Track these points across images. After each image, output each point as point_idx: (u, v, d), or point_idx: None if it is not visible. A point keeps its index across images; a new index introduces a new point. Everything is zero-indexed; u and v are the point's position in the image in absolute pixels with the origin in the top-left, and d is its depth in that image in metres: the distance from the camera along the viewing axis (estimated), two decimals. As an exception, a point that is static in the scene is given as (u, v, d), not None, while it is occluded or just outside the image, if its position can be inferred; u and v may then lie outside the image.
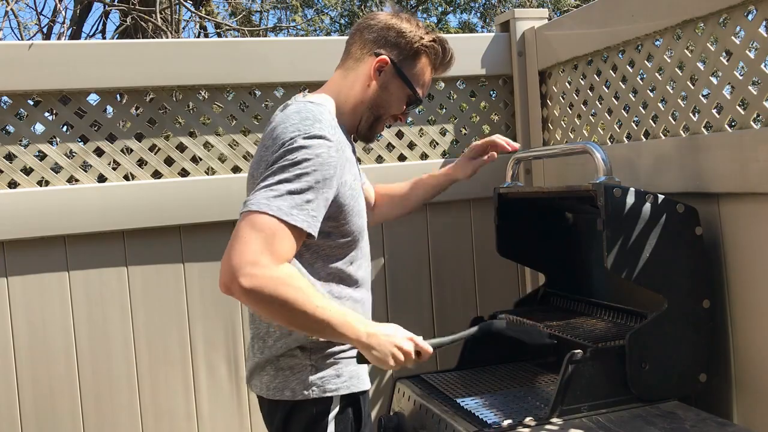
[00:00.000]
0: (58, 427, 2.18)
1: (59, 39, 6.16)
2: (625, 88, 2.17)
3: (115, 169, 2.27)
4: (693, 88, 1.89)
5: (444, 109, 2.62)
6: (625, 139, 2.18)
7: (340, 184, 1.54)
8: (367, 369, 1.69)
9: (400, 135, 2.59)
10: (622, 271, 1.69)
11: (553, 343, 1.77)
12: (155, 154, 2.31)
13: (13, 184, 2.19)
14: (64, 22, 6.16)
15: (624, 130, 2.18)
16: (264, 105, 2.41)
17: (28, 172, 2.18)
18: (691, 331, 1.74)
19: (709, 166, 1.79)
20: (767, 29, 1.72)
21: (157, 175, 2.31)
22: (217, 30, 7.80)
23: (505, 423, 1.65)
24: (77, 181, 2.25)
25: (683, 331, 1.73)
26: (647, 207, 1.70)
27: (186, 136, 2.35)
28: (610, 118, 2.24)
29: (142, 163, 2.32)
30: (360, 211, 1.64)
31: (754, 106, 1.70)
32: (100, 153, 2.27)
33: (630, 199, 1.69)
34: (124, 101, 2.37)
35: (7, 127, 2.19)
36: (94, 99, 2.33)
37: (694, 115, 1.90)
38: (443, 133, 2.63)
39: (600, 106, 2.29)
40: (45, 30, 6.56)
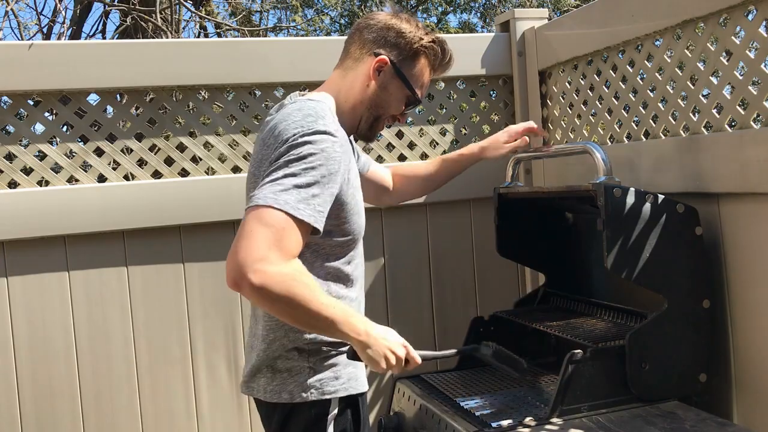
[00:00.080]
0: (58, 427, 2.18)
1: (59, 39, 6.16)
2: (625, 88, 2.17)
3: (115, 169, 2.27)
4: (693, 88, 1.89)
5: (444, 109, 2.62)
6: (625, 139, 2.18)
7: (343, 181, 1.54)
8: (365, 371, 1.69)
9: (400, 135, 2.59)
10: (622, 271, 1.69)
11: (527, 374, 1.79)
12: (155, 154, 2.31)
13: (13, 184, 2.19)
14: (64, 22, 6.16)
15: (624, 130, 2.18)
16: (264, 105, 2.41)
17: (28, 172, 2.18)
18: (691, 331, 1.74)
19: (709, 166, 1.79)
20: (767, 29, 1.72)
21: (157, 175, 2.31)
22: (217, 30, 7.80)
23: (505, 423, 1.65)
24: (77, 181, 2.25)
25: (683, 331, 1.73)
26: (647, 207, 1.70)
27: (186, 136, 2.35)
28: (610, 118, 2.24)
29: (142, 163, 2.32)
30: (360, 211, 1.65)
31: (754, 106, 1.70)
32: (100, 153, 2.27)
33: (630, 199, 1.69)
34: (124, 101, 2.37)
35: (7, 127, 2.19)
36: (94, 99, 2.33)
37: (694, 115, 1.90)
38: (443, 133, 2.63)
39: (600, 106, 2.29)
40: (45, 30, 6.57)
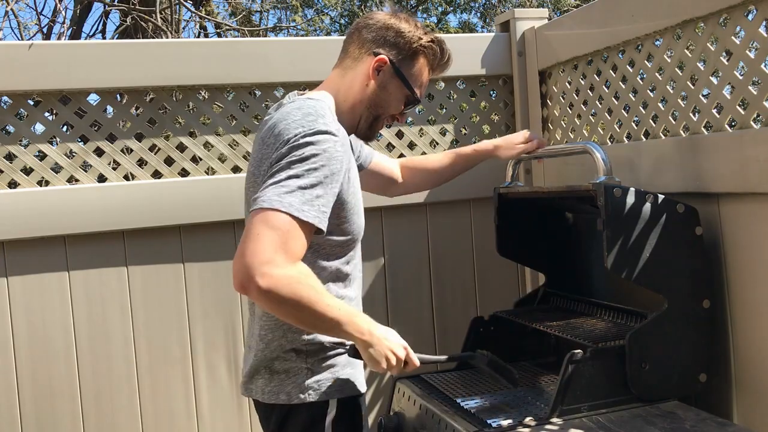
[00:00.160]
0: (58, 427, 2.18)
1: (59, 39, 6.16)
2: (625, 88, 2.17)
3: (115, 169, 2.27)
4: (693, 88, 1.89)
5: (444, 109, 2.62)
6: (625, 139, 2.18)
7: (344, 180, 1.54)
8: (364, 372, 1.69)
9: (400, 135, 2.59)
10: (622, 271, 1.69)
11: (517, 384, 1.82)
12: (155, 154, 2.31)
13: (13, 184, 2.19)
14: (64, 22, 6.16)
15: (624, 130, 2.18)
16: (264, 105, 2.41)
17: (28, 172, 2.18)
18: (691, 331, 1.74)
19: (709, 166, 1.79)
20: (767, 29, 1.72)
21: (157, 175, 2.31)
22: (217, 30, 7.80)
23: (505, 423, 1.65)
24: (77, 181, 2.25)
25: (683, 331, 1.73)
26: (647, 207, 1.70)
27: (186, 136, 2.35)
28: (610, 118, 2.24)
29: (142, 163, 2.32)
30: (360, 211, 1.65)
31: (754, 106, 1.70)
32: (100, 153, 2.27)
33: (630, 199, 1.69)
34: (124, 101, 2.37)
35: (7, 127, 2.19)
36: (94, 99, 2.33)
37: (694, 115, 1.90)
38: (443, 133, 2.63)
39: (600, 106, 2.29)
40: (45, 30, 6.57)
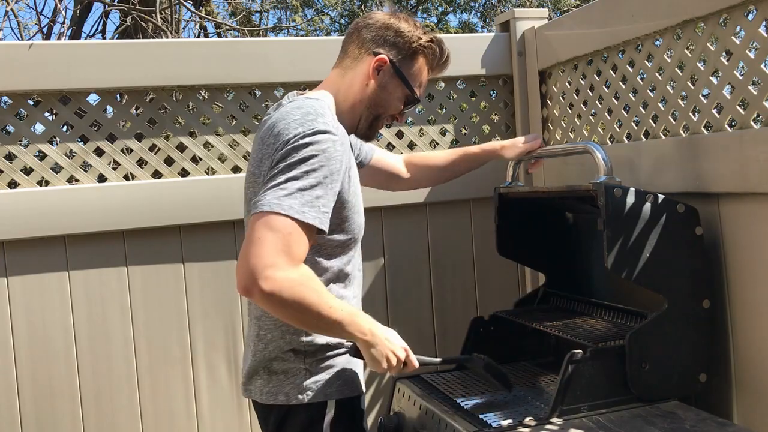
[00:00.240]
0: (58, 427, 2.18)
1: (59, 39, 6.16)
2: (625, 88, 2.17)
3: (115, 169, 2.27)
4: (693, 88, 1.89)
5: (444, 109, 2.62)
6: (625, 139, 2.18)
7: (345, 179, 1.54)
8: (363, 373, 1.69)
9: (400, 135, 2.59)
10: (622, 271, 1.69)
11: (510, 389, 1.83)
12: (155, 154, 2.31)
13: (13, 184, 2.19)
14: (64, 22, 6.17)
15: (624, 130, 2.18)
16: (264, 105, 2.41)
17: (28, 172, 2.18)
18: (691, 331, 1.74)
19: (709, 166, 1.79)
20: (767, 29, 1.72)
21: (157, 175, 2.31)
22: (217, 30, 7.80)
23: (505, 423, 1.65)
24: (77, 181, 2.25)
25: (683, 331, 1.73)
26: (647, 207, 1.70)
27: (186, 136, 2.35)
28: (610, 118, 2.24)
29: (142, 163, 2.32)
30: (360, 210, 1.65)
31: (754, 106, 1.70)
32: (100, 153, 2.27)
33: (630, 199, 1.69)
34: (124, 101, 2.37)
35: (7, 127, 2.19)
36: (94, 99, 2.33)
37: (694, 115, 1.90)
38: (443, 133, 2.63)
39: (600, 106, 2.29)
40: (45, 30, 6.57)
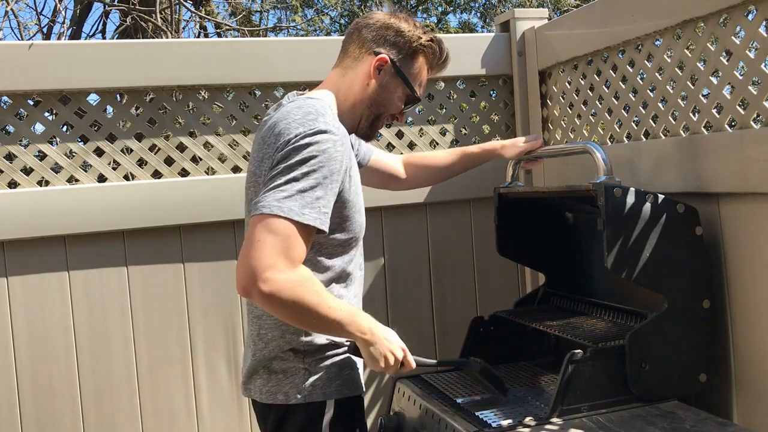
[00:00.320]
0: (58, 427, 2.18)
1: (59, 39, 6.16)
2: (625, 88, 2.17)
3: (115, 169, 2.27)
4: (693, 88, 1.89)
5: (444, 109, 2.62)
6: (625, 139, 2.18)
7: (346, 178, 1.55)
8: (363, 374, 1.69)
9: (400, 135, 2.59)
10: (622, 271, 1.69)
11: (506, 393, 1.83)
12: (155, 154, 2.31)
13: (13, 184, 2.19)
14: (64, 22, 6.17)
15: (624, 130, 2.18)
16: (264, 105, 2.41)
17: (28, 172, 2.18)
18: (691, 331, 1.74)
19: (709, 166, 1.79)
20: (767, 29, 1.72)
21: (157, 175, 2.31)
22: (217, 30, 7.80)
23: (505, 423, 1.65)
24: (77, 181, 2.25)
25: (683, 331, 1.73)
26: (647, 207, 1.70)
27: (186, 136, 2.35)
28: (610, 118, 2.24)
29: (142, 163, 2.32)
30: (361, 210, 1.65)
31: (754, 106, 1.70)
32: (100, 153, 2.27)
33: (630, 198, 1.69)
34: (124, 101, 2.37)
35: (7, 127, 2.19)
36: (94, 99, 2.33)
37: (694, 115, 1.90)
38: (443, 133, 2.63)
39: (600, 106, 2.29)
40: (45, 30, 6.57)
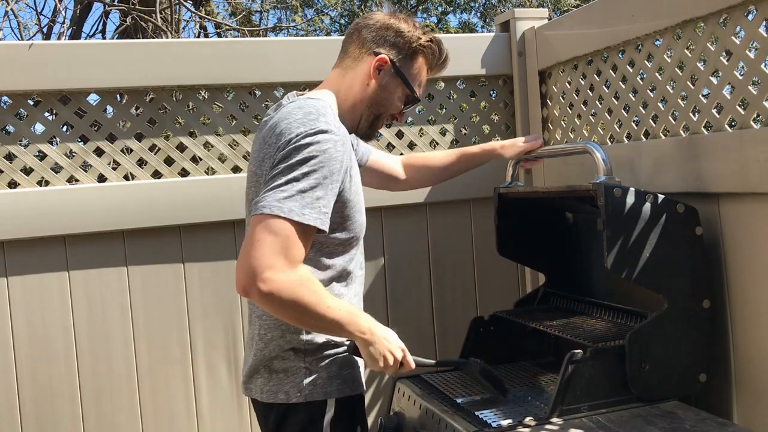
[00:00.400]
0: (58, 427, 2.18)
1: (59, 39, 6.16)
2: (625, 88, 2.17)
3: (115, 169, 2.27)
4: (693, 88, 1.89)
5: (444, 109, 2.62)
6: (625, 139, 2.18)
7: (346, 177, 1.55)
8: (363, 373, 1.69)
9: (400, 135, 2.59)
10: (622, 271, 1.69)
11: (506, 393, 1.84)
12: (155, 154, 2.31)
13: (13, 184, 2.19)
14: (64, 22, 6.17)
15: (624, 130, 2.18)
16: (264, 105, 2.41)
17: (28, 172, 2.18)
18: (691, 331, 1.74)
19: (709, 166, 1.79)
20: (767, 29, 1.72)
21: (157, 175, 2.31)
22: (217, 30, 7.80)
23: (505, 423, 1.65)
24: (77, 181, 2.25)
25: (683, 331, 1.73)
26: (647, 207, 1.70)
27: (186, 136, 2.35)
28: (610, 118, 2.24)
29: (142, 163, 2.32)
30: (362, 209, 1.66)
31: (754, 106, 1.70)
32: (100, 153, 2.27)
33: (630, 198, 1.69)
34: (124, 101, 2.37)
35: (7, 127, 2.19)
36: (94, 99, 2.33)
37: (694, 115, 1.90)
38: (443, 133, 2.63)
39: (600, 106, 2.29)
40: (45, 30, 6.57)
